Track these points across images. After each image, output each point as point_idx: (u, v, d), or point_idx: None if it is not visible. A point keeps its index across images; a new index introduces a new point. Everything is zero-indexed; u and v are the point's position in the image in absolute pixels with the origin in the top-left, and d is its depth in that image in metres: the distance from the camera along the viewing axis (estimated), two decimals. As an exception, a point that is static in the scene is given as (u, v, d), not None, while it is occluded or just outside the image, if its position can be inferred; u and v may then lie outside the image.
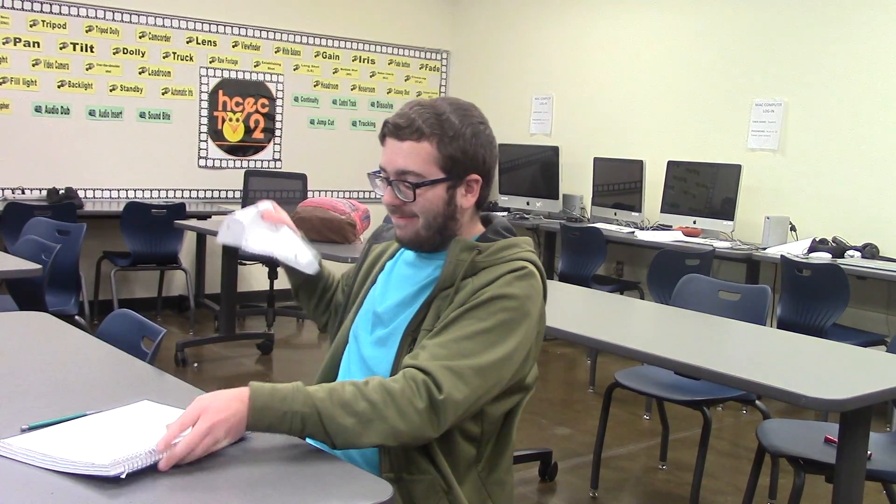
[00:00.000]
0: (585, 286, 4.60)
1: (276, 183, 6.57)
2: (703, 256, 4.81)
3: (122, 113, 6.23)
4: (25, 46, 5.84)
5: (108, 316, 2.40)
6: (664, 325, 3.09)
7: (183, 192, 6.56)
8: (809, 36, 5.36)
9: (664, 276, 4.59)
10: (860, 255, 4.79)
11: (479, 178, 1.69)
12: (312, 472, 1.44)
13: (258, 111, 6.82)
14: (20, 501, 1.26)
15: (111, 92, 6.17)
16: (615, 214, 6.18)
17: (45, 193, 5.76)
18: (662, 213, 5.85)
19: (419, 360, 1.55)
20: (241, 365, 5.26)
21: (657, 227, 5.84)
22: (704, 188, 5.63)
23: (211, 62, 6.56)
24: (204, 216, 6.11)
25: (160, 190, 6.46)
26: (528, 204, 6.71)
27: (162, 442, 1.37)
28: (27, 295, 3.75)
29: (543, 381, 4.96)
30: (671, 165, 5.83)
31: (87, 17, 6.03)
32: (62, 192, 5.74)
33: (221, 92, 6.64)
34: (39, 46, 5.89)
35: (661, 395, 3.29)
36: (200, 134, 6.60)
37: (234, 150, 6.75)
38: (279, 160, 6.95)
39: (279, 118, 6.92)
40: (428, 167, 1.65)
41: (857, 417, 2.21)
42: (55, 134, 5.99)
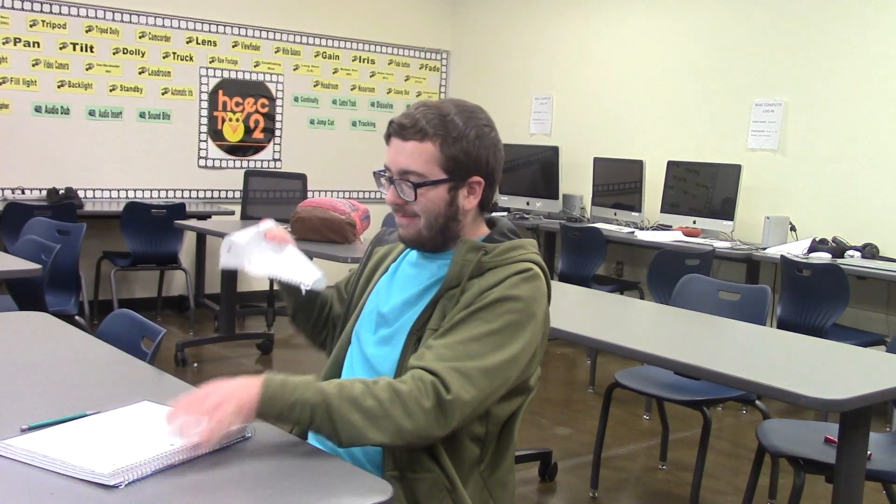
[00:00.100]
0: (585, 286, 4.60)
1: (275, 183, 6.56)
2: (703, 256, 4.81)
3: (122, 113, 6.23)
4: (25, 46, 5.84)
5: (108, 316, 2.40)
6: (664, 325, 3.09)
7: (183, 192, 6.56)
8: (809, 36, 5.36)
9: (664, 276, 4.59)
10: (860, 255, 4.79)
11: (481, 180, 1.69)
12: (312, 472, 1.44)
13: (258, 111, 6.82)
14: (20, 501, 1.26)
15: (111, 92, 6.17)
16: (615, 214, 6.18)
17: (45, 193, 5.75)
18: (662, 213, 5.85)
19: (426, 361, 1.56)
20: (240, 365, 5.26)
21: (657, 227, 5.84)
22: (704, 188, 5.64)
23: (211, 62, 6.56)
24: (204, 216, 6.12)
25: (160, 190, 6.46)
26: (528, 204, 6.71)
27: (175, 430, 1.43)
28: (27, 295, 3.75)
29: (543, 381, 4.95)
30: (671, 165, 5.83)
31: (86, 17, 6.03)
32: (62, 192, 5.74)
33: (221, 92, 6.64)
34: (39, 46, 5.89)
35: (661, 395, 3.29)
36: (200, 134, 6.60)
37: (234, 150, 6.75)
38: (279, 160, 6.95)
39: (279, 118, 6.92)
40: (430, 167, 1.65)
41: (857, 417, 2.21)
42: (55, 134, 5.99)
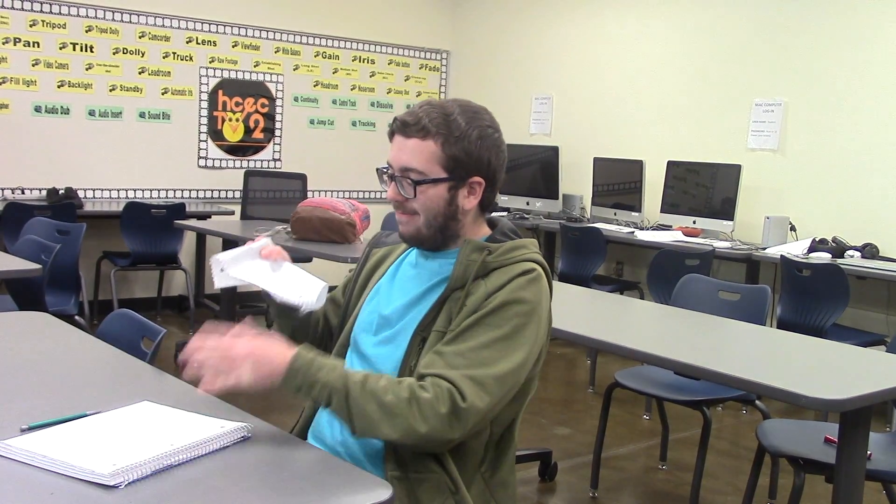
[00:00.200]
0: (585, 286, 4.60)
1: (275, 183, 6.57)
2: (702, 256, 4.81)
3: (122, 113, 6.23)
4: (25, 46, 5.84)
5: (107, 316, 2.40)
6: (664, 325, 3.09)
7: (183, 192, 6.56)
8: (809, 36, 5.35)
9: (664, 276, 4.59)
10: (860, 255, 4.79)
11: (481, 180, 1.69)
12: (312, 472, 1.44)
13: (258, 111, 6.82)
14: (20, 501, 1.26)
15: (111, 92, 6.17)
16: (615, 214, 6.18)
17: (44, 193, 5.75)
18: (662, 213, 5.85)
19: (438, 368, 1.56)
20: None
21: (657, 227, 5.84)
22: (704, 188, 5.63)
23: (211, 62, 6.55)
24: (204, 216, 6.12)
25: (160, 190, 6.46)
26: (527, 204, 6.71)
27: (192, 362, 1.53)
28: (27, 295, 3.75)
29: (543, 381, 4.96)
30: (671, 165, 5.83)
31: (86, 17, 6.03)
32: (62, 192, 5.74)
33: (221, 92, 6.63)
34: (39, 46, 5.89)
35: (660, 395, 3.29)
36: (200, 134, 6.59)
37: (233, 150, 6.75)
38: (279, 160, 6.95)
39: (279, 118, 6.92)
40: (430, 166, 1.66)
41: (857, 417, 2.21)
42: (55, 134, 5.99)
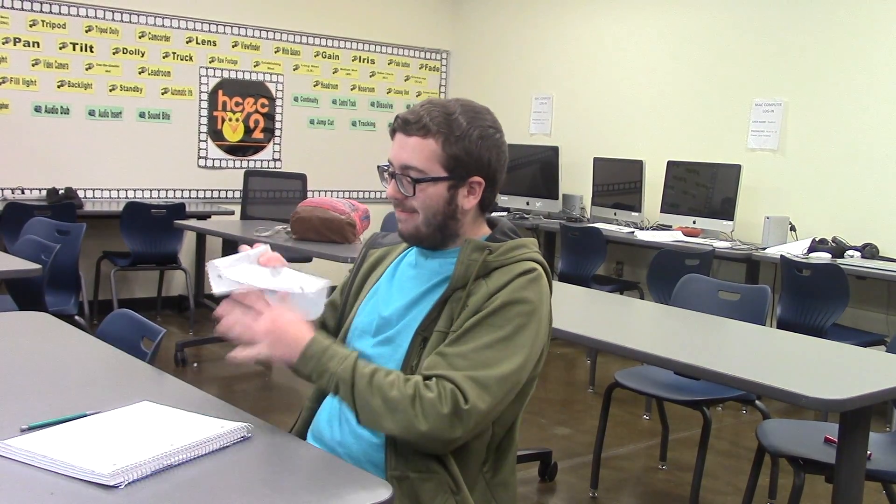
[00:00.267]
0: (585, 286, 4.59)
1: (275, 183, 6.57)
2: (702, 256, 4.81)
3: (121, 113, 6.23)
4: (25, 46, 5.84)
5: (107, 316, 2.40)
6: (664, 325, 3.09)
7: (183, 192, 6.56)
8: (809, 36, 5.35)
9: (664, 276, 4.59)
10: (860, 255, 4.78)
11: (481, 180, 1.69)
12: (312, 472, 1.44)
13: (258, 111, 6.82)
14: (20, 501, 1.26)
15: (111, 92, 6.17)
16: (615, 214, 6.18)
17: (44, 193, 5.75)
18: (662, 213, 5.85)
19: (441, 370, 1.57)
20: (240, 365, 5.23)
21: (657, 227, 5.84)
22: (704, 188, 5.63)
23: (211, 62, 6.55)
24: (204, 216, 6.12)
25: (160, 190, 6.46)
26: (527, 204, 6.71)
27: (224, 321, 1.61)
28: (27, 295, 3.75)
29: (543, 381, 4.96)
30: (671, 165, 5.83)
31: (86, 17, 6.03)
32: (62, 192, 5.74)
33: (221, 92, 6.63)
34: (39, 46, 5.89)
35: (660, 395, 3.28)
36: (200, 134, 6.59)
37: (233, 150, 6.75)
38: (279, 160, 6.95)
39: (279, 118, 6.92)
40: (430, 164, 1.66)
41: (856, 417, 2.21)
42: (55, 134, 5.99)
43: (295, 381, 2.61)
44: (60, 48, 5.95)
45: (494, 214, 1.87)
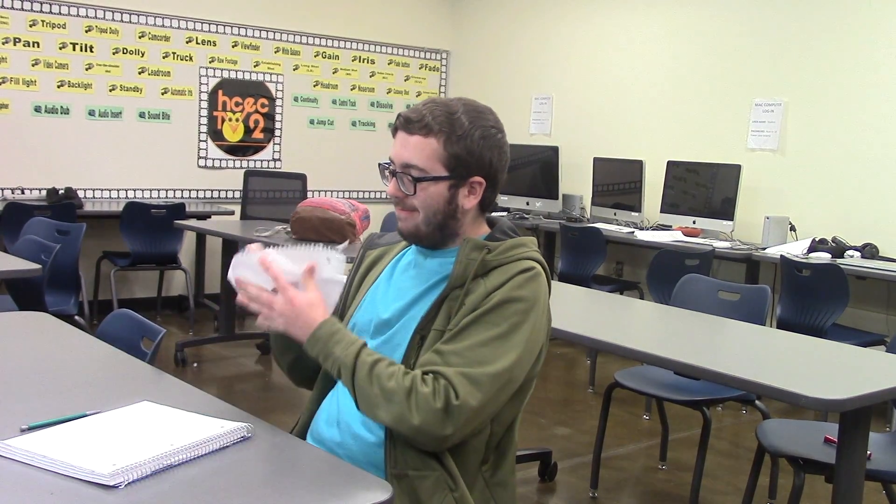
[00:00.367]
0: (585, 286, 4.59)
1: (275, 183, 6.57)
2: (702, 256, 4.81)
3: (121, 113, 6.23)
4: (25, 46, 5.84)
5: (107, 316, 2.40)
6: (664, 325, 3.09)
7: (183, 192, 6.56)
8: (809, 36, 5.36)
9: (664, 276, 4.59)
10: (860, 255, 4.79)
11: (482, 180, 1.69)
12: (312, 472, 1.44)
13: (258, 111, 6.82)
14: (20, 501, 1.26)
15: (111, 92, 6.17)
16: (615, 214, 6.18)
17: (44, 193, 5.75)
18: (662, 213, 5.85)
19: (436, 366, 1.57)
20: (240, 365, 5.26)
21: (657, 227, 5.84)
22: (704, 188, 5.64)
23: (211, 62, 6.55)
24: (204, 216, 6.12)
25: (160, 190, 6.46)
26: (527, 204, 6.71)
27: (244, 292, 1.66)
28: (27, 295, 3.75)
29: (543, 381, 4.96)
30: (671, 165, 5.83)
31: (86, 17, 6.03)
32: (62, 192, 5.74)
33: (221, 92, 6.63)
34: (39, 46, 5.89)
35: (660, 395, 3.29)
36: (200, 134, 6.59)
37: (233, 150, 6.75)
38: (279, 160, 6.95)
39: (279, 118, 6.92)
40: (432, 163, 1.66)
41: (856, 417, 2.21)
42: (55, 134, 5.99)
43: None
44: (60, 48, 5.95)
45: (494, 214, 1.87)
